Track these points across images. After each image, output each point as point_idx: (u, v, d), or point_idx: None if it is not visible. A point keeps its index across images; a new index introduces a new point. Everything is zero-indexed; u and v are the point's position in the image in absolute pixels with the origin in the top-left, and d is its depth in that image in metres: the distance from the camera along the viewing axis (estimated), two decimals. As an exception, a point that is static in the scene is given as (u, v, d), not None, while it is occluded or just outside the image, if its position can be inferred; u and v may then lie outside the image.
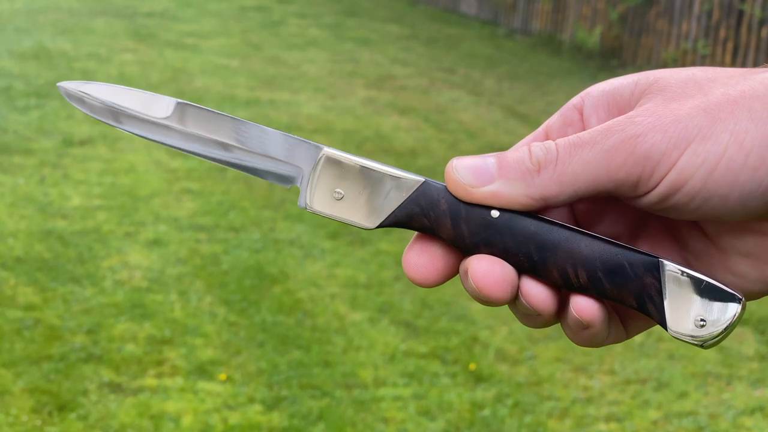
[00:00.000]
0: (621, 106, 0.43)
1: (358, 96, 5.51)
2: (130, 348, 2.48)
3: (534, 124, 5.13)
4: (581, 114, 0.45)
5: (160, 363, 2.42)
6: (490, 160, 0.42)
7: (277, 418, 2.22)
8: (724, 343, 2.71)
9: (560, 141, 0.41)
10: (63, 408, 2.20)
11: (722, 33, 5.99)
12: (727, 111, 0.40)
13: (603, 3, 7.08)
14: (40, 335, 2.51)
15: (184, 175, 3.87)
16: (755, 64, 5.72)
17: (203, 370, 2.40)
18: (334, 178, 0.43)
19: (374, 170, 0.43)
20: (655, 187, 0.40)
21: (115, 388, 2.30)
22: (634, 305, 0.41)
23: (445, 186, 0.42)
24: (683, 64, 6.26)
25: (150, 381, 2.33)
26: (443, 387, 2.39)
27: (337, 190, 0.43)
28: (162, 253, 3.09)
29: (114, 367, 2.38)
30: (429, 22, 8.66)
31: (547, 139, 0.44)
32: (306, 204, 0.43)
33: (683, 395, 2.43)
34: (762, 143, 0.39)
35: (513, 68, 6.71)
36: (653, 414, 2.34)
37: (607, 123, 0.41)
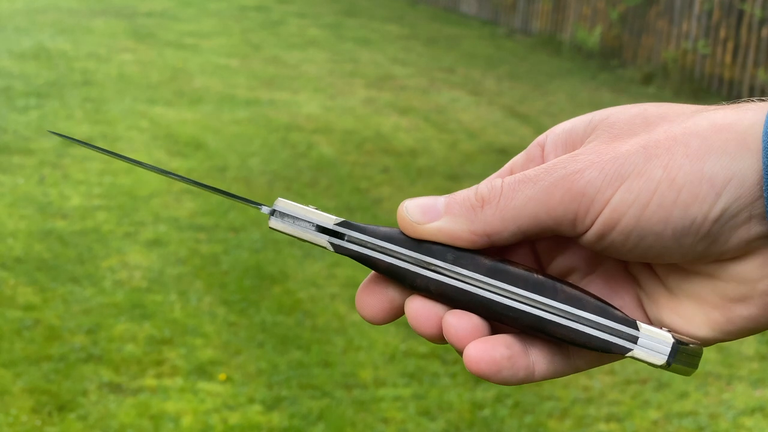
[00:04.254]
0: (575, 143, 0.43)
1: (358, 96, 5.51)
2: (129, 348, 2.47)
3: (534, 124, 5.13)
4: (542, 151, 0.45)
5: (159, 363, 2.42)
6: (440, 199, 0.42)
7: (277, 419, 2.22)
8: (724, 343, 2.71)
9: (507, 178, 0.41)
10: (63, 408, 2.20)
11: (722, 33, 5.99)
12: (664, 147, 0.39)
13: (603, 3, 7.08)
14: (40, 335, 2.51)
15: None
16: (755, 64, 5.73)
17: (203, 371, 2.39)
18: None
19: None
20: (591, 225, 0.40)
21: (115, 388, 2.30)
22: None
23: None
24: (683, 64, 6.26)
25: (150, 381, 2.33)
26: (443, 387, 2.39)
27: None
28: (162, 253, 3.09)
29: (114, 367, 2.38)
30: (429, 22, 8.66)
31: (512, 174, 0.44)
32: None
33: (683, 395, 2.43)
34: (694, 179, 0.39)
35: (513, 68, 6.71)
36: (653, 414, 2.34)
37: (552, 161, 0.42)
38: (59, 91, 5.03)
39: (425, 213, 0.42)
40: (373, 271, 0.44)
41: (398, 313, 0.44)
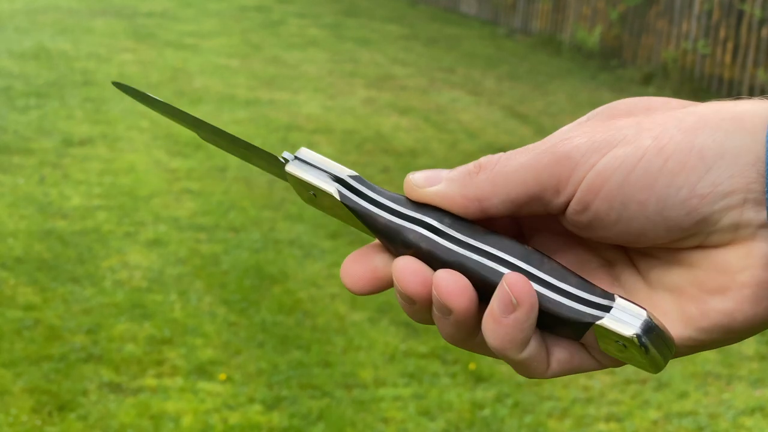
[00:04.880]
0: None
1: (358, 96, 5.51)
2: (129, 348, 2.48)
3: (534, 124, 5.13)
4: None
5: (159, 363, 2.42)
6: (445, 171, 0.43)
7: (277, 418, 2.22)
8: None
9: (508, 152, 0.42)
10: (63, 408, 2.20)
11: (722, 33, 5.99)
12: (659, 123, 0.39)
13: (603, 3, 7.08)
14: (40, 335, 2.51)
15: (184, 175, 3.87)
16: (755, 64, 5.73)
17: (203, 370, 2.40)
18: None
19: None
20: (574, 192, 0.39)
21: (115, 388, 2.30)
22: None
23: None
24: (683, 64, 6.26)
25: (150, 381, 2.33)
26: (443, 387, 2.39)
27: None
28: (162, 253, 3.09)
29: (114, 367, 2.38)
30: (429, 22, 8.66)
31: None
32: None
33: (683, 395, 2.43)
34: (684, 149, 0.38)
35: (513, 68, 6.71)
36: (653, 414, 2.34)
37: (549, 136, 0.42)
38: (59, 91, 5.03)
39: (428, 179, 0.42)
40: (361, 247, 0.44)
41: (382, 284, 0.43)
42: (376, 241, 0.44)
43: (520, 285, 0.39)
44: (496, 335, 0.40)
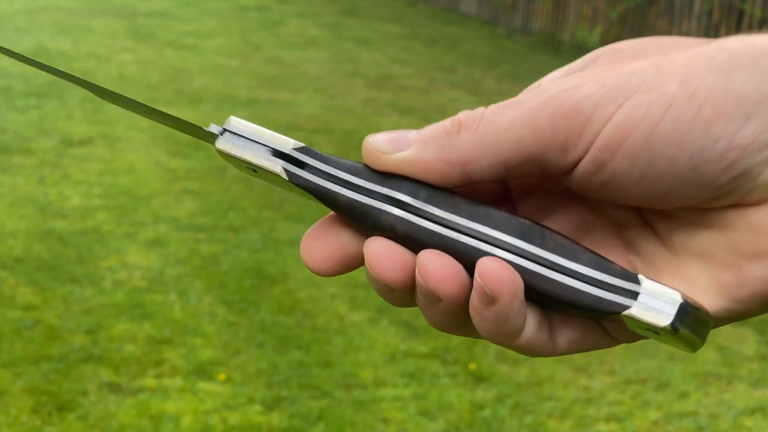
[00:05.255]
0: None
1: (358, 96, 5.51)
2: (129, 348, 2.47)
3: (534, 123, 5.13)
4: None
5: (159, 363, 2.42)
6: (411, 131, 0.36)
7: (276, 419, 2.22)
8: (724, 343, 2.71)
9: (492, 105, 0.35)
10: (62, 408, 2.20)
11: (722, 33, 5.99)
12: (682, 63, 0.33)
13: (603, 2, 7.08)
14: (40, 335, 2.51)
15: (183, 175, 3.87)
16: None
17: (203, 371, 2.39)
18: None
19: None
20: (586, 149, 0.33)
21: (115, 388, 2.29)
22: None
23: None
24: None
25: (149, 381, 2.33)
26: (443, 387, 2.39)
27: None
28: (161, 254, 3.08)
29: (113, 367, 2.38)
30: (429, 22, 8.66)
31: None
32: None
33: (684, 395, 2.42)
34: (719, 94, 0.32)
35: (513, 68, 6.71)
36: (653, 414, 2.33)
37: (546, 82, 0.35)
38: (59, 91, 5.02)
39: (392, 142, 0.36)
40: (323, 218, 0.38)
41: (350, 263, 0.37)
42: None
43: (494, 275, 0.34)
44: (482, 327, 0.35)
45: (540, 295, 0.35)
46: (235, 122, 0.38)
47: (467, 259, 0.35)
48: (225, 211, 3.50)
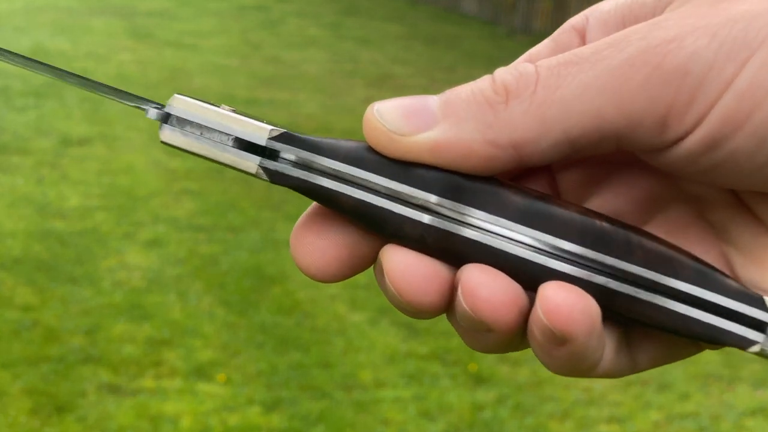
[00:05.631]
0: (645, 16, 0.29)
1: (358, 95, 5.50)
2: (128, 349, 2.47)
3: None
4: (583, 38, 0.31)
5: (158, 364, 2.41)
6: (431, 98, 0.28)
7: (276, 420, 2.21)
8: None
9: (543, 61, 0.27)
10: (61, 409, 2.19)
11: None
12: None
13: (603, 2, 7.09)
14: (39, 336, 2.50)
15: (182, 175, 3.86)
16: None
17: (202, 371, 2.39)
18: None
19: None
20: (697, 123, 0.25)
21: (114, 389, 2.29)
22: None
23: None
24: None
25: (148, 382, 2.32)
26: (443, 388, 2.38)
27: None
28: (161, 254, 3.08)
29: (112, 368, 2.37)
30: (429, 22, 8.65)
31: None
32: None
33: (685, 396, 2.42)
34: None
35: (513, 68, 6.71)
36: (655, 415, 2.33)
37: (619, 32, 0.27)
38: (58, 90, 5.02)
39: (411, 118, 0.27)
40: (316, 205, 0.29)
41: (359, 265, 0.29)
42: None
43: (564, 312, 0.25)
44: (549, 365, 0.28)
45: (624, 318, 0.27)
46: (182, 102, 0.28)
47: (523, 274, 0.27)
48: (224, 211, 3.49)
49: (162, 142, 0.28)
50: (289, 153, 0.28)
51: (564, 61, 0.26)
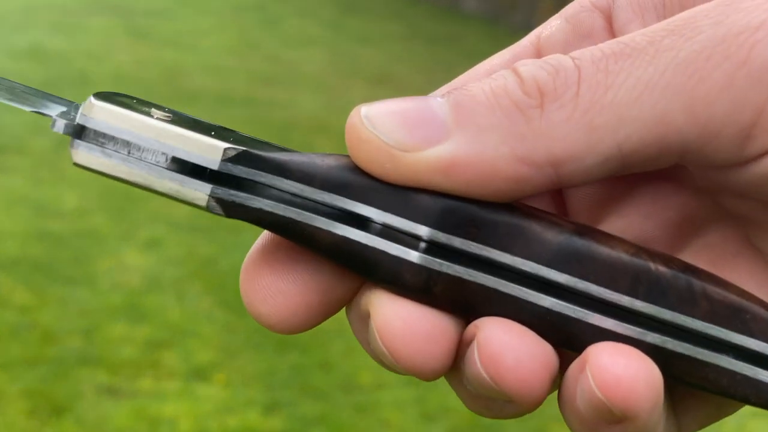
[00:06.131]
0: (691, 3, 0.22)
1: (358, 95, 5.49)
2: (126, 350, 2.46)
3: (534, 122, 5.12)
4: (609, 19, 0.24)
5: (157, 365, 2.40)
6: (434, 100, 0.22)
7: (275, 422, 2.20)
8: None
9: (581, 53, 0.21)
10: (59, 411, 2.19)
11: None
12: None
13: None
14: (36, 337, 2.49)
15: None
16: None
17: (201, 373, 2.38)
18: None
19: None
20: None
21: (112, 390, 2.28)
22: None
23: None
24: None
25: (147, 384, 2.32)
26: (444, 390, 2.37)
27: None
28: (159, 255, 3.07)
29: (110, 369, 2.37)
30: (429, 20, 8.65)
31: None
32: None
33: (687, 398, 2.41)
34: None
35: (513, 67, 6.71)
36: (657, 417, 2.32)
37: (678, 16, 0.21)
38: (56, 90, 4.99)
39: (414, 127, 0.21)
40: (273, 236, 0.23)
41: (334, 309, 0.24)
42: None
43: (625, 387, 0.20)
44: None
45: (679, 383, 0.22)
46: (102, 111, 0.22)
47: (557, 331, 0.21)
48: (223, 211, 3.48)
49: (75, 165, 0.21)
50: (249, 176, 0.22)
51: (611, 52, 0.20)
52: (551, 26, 0.26)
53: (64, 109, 0.23)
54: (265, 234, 0.24)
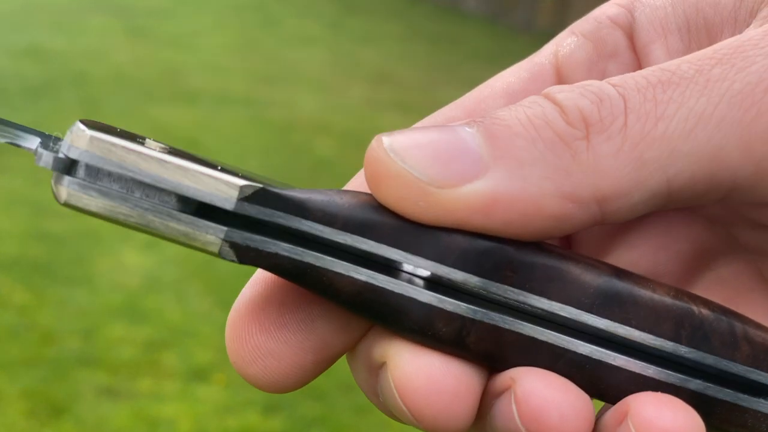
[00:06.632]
0: (721, 23, 0.21)
1: (358, 94, 5.49)
2: (126, 351, 2.45)
3: (535, 122, 5.11)
4: (631, 38, 0.24)
5: (156, 366, 2.40)
6: (464, 131, 0.20)
7: (275, 422, 2.20)
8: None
9: (622, 80, 0.20)
10: (58, 412, 2.18)
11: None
12: None
13: None
14: (35, 338, 2.49)
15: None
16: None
17: (200, 374, 2.38)
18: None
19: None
20: None
21: (111, 391, 2.28)
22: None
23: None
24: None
25: (146, 385, 2.31)
26: (445, 390, 2.37)
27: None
28: (159, 255, 3.06)
29: (109, 370, 2.36)
30: (430, 20, 8.65)
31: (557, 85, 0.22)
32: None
33: (689, 398, 2.40)
34: None
35: (513, 66, 6.70)
36: (658, 417, 2.31)
37: (723, 43, 0.20)
38: (55, 90, 5.00)
39: (449, 161, 0.19)
40: (264, 275, 0.21)
41: (329, 365, 0.23)
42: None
43: None
44: None
45: (718, 430, 0.21)
46: (95, 143, 0.18)
47: (595, 380, 0.19)
48: (223, 211, 3.48)
49: (65, 205, 0.16)
50: (266, 217, 0.19)
51: (657, 80, 0.19)
52: (568, 44, 0.25)
53: (39, 140, 0.19)
54: (253, 282, 0.21)
